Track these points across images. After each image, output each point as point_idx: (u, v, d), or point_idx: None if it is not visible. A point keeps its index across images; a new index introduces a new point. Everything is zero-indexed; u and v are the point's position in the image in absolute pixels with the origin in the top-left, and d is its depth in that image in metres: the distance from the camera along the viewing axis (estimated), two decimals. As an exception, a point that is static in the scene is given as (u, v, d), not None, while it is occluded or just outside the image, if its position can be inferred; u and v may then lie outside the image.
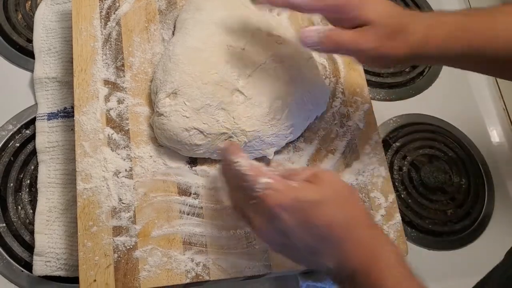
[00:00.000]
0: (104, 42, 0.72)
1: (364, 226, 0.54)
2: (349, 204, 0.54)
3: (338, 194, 0.54)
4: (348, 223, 0.53)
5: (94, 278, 0.61)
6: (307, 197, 0.53)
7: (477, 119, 0.98)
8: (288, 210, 0.53)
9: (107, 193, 0.65)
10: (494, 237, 0.87)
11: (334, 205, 0.53)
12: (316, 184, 0.54)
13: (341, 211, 0.53)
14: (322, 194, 0.53)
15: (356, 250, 0.53)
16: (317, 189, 0.53)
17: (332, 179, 0.55)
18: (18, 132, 0.80)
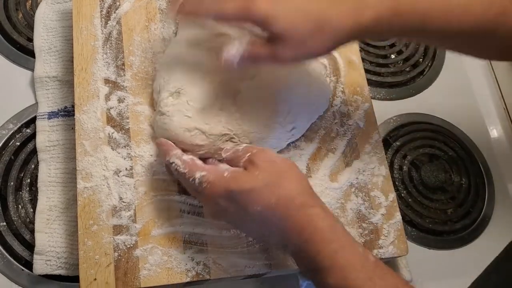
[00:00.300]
0: (105, 41, 0.72)
1: (295, 205, 0.54)
2: (281, 186, 0.55)
3: (270, 177, 0.55)
4: (279, 205, 0.54)
5: (94, 277, 0.61)
6: (238, 187, 0.55)
7: (478, 119, 0.98)
8: (224, 199, 0.56)
9: (108, 192, 0.65)
10: (494, 236, 0.87)
11: (265, 190, 0.54)
12: (248, 171, 0.56)
13: (272, 195, 0.54)
14: (252, 182, 0.55)
15: (291, 230, 0.54)
16: (248, 177, 0.55)
17: (266, 162, 0.56)
18: (18, 131, 0.80)
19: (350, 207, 0.70)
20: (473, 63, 1.02)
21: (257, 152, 0.57)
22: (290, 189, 0.55)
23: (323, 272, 0.52)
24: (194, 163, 0.59)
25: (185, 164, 0.59)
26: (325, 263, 0.52)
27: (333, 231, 0.54)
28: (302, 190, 0.56)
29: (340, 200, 0.70)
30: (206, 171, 0.57)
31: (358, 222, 0.70)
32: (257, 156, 0.56)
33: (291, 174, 0.57)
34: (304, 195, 0.56)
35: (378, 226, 0.70)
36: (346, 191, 0.71)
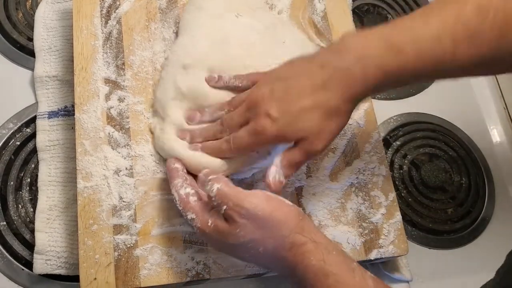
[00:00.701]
0: (105, 41, 0.72)
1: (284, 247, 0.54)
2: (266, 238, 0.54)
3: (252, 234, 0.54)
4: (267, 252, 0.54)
5: (94, 276, 0.61)
6: (221, 239, 0.56)
7: (478, 118, 0.98)
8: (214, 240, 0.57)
9: (108, 192, 0.65)
10: (495, 236, 0.87)
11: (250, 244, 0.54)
12: (229, 226, 0.55)
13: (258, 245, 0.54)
14: (234, 238, 0.54)
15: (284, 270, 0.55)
16: (229, 233, 0.54)
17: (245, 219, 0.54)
18: (18, 130, 0.80)
19: (350, 207, 0.70)
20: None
21: (234, 207, 0.54)
22: (275, 237, 0.54)
23: None
24: (187, 201, 0.58)
25: (180, 200, 0.59)
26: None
27: (326, 265, 0.53)
28: (290, 232, 0.54)
29: (340, 200, 0.70)
30: (195, 213, 0.57)
31: (358, 221, 0.70)
32: (234, 211, 0.54)
33: (275, 221, 0.54)
34: (292, 236, 0.54)
35: (378, 226, 0.70)
36: (346, 190, 0.71)
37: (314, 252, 0.53)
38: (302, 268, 0.53)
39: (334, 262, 0.53)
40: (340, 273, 0.53)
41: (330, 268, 0.53)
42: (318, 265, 0.53)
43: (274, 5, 0.79)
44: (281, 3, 0.80)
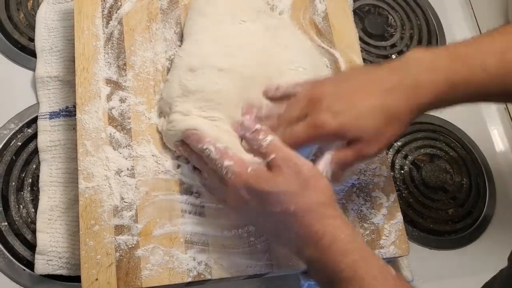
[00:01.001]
0: (106, 41, 0.72)
1: (315, 215, 0.54)
2: (303, 195, 0.54)
3: (292, 186, 0.55)
4: (298, 213, 0.54)
5: (96, 277, 0.61)
6: (258, 186, 0.55)
7: (479, 119, 0.98)
8: (245, 191, 0.56)
9: (109, 192, 0.65)
10: (495, 236, 0.87)
11: (285, 196, 0.54)
12: (271, 173, 0.56)
13: (291, 202, 0.54)
14: (272, 185, 0.55)
15: (309, 239, 0.54)
16: (269, 180, 0.55)
17: (291, 169, 0.55)
18: (20, 131, 0.80)
19: (351, 208, 0.70)
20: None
21: (283, 156, 0.56)
22: (311, 200, 0.54)
23: (341, 283, 0.52)
24: (225, 151, 0.59)
25: (217, 151, 0.59)
26: (344, 274, 0.51)
27: (353, 242, 0.53)
28: (324, 201, 0.55)
29: (342, 201, 0.70)
30: (233, 161, 0.58)
31: (360, 222, 0.70)
32: (282, 160, 0.55)
33: (315, 185, 0.55)
34: (325, 206, 0.55)
35: (380, 226, 0.70)
36: (348, 191, 0.71)
37: (344, 229, 0.54)
38: (329, 239, 0.53)
39: (360, 243, 0.54)
40: (365, 251, 0.53)
41: (357, 245, 0.53)
42: (346, 241, 0.53)
43: (275, 6, 0.79)
44: (282, 3, 0.80)
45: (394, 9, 1.03)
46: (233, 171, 0.57)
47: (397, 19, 1.02)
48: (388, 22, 1.02)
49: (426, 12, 1.04)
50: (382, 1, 1.03)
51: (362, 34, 0.98)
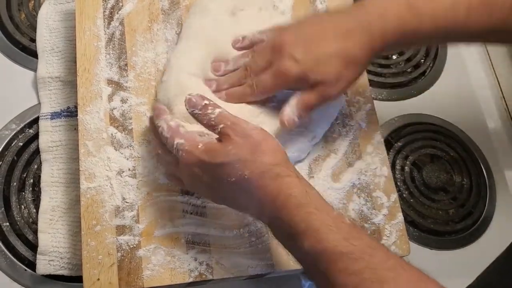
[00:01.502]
0: (108, 42, 0.72)
1: (269, 176, 0.55)
2: (255, 160, 0.55)
3: (243, 152, 0.55)
4: (252, 178, 0.55)
5: (97, 277, 0.61)
6: (210, 159, 0.56)
7: (479, 119, 0.98)
8: (198, 168, 0.57)
9: (111, 192, 0.65)
10: (496, 237, 0.87)
11: (238, 164, 0.55)
12: (222, 144, 0.56)
13: (245, 168, 0.55)
14: (224, 156, 0.55)
15: (265, 199, 0.55)
16: (221, 151, 0.56)
17: (240, 137, 0.56)
18: (21, 131, 0.80)
19: (352, 208, 0.70)
20: (474, 64, 1.02)
21: (231, 125, 0.57)
22: (263, 163, 0.55)
23: (298, 236, 0.52)
24: (177, 129, 0.59)
25: (168, 129, 0.59)
26: (300, 227, 0.52)
27: (306, 196, 0.54)
28: (276, 162, 0.56)
29: (342, 201, 0.70)
30: (184, 139, 0.58)
31: (360, 222, 0.70)
32: (231, 129, 0.56)
33: (266, 147, 0.56)
34: (278, 166, 0.55)
35: (380, 227, 0.70)
36: (348, 191, 0.71)
37: (298, 184, 0.55)
38: (284, 196, 0.54)
39: (315, 197, 0.55)
40: (320, 205, 0.54)
41: (311, 200, 0.54)
42: (300, 195, 0.54)
43: (276, 7, 0.79)
44: (283, 4, 0.80)
45: (394, 10, 1.03)
46: (183, 149, 0.57)
47: (398, 20, 1.02)
48: (388, 23, 1.02)
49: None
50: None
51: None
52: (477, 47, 1.03)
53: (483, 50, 1.03)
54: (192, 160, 0.57)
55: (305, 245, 0.51)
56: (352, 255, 0.50)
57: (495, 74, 1.01)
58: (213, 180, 0.57)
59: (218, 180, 0.57)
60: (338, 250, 0.50)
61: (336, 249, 0.50)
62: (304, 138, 0.69)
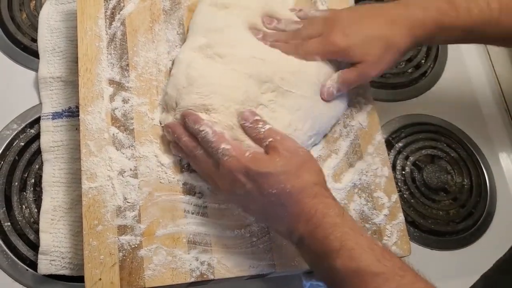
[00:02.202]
0: (109, 42, 0.72)
1: (309, 195, 0.57)
2: (299, 176, 0.58)
3: (289, 166, 0.58)
4: (293, 192, 0.57)
5: (99, 276, 0.61)
6: (256, 168, 0.58)
7: (480, 120, 0.98)
8: (242, 174, 0.59)
9: (112, 192, 0.65)
10: (496, 237, 0.87)
11: (282, 176, 0.57)
12: (269, 156, 0.59)
13: (288, 182, 0.57)
14: (271, 167, 0.58)
15: (301, 216, 0.57)
16: (268, 162, 0.58)
17: (288, 152, 0.59)
18: (22, 131, 0.81)
19: (353, 208, 0.70)
20: (475, 64, 1.02)
21: (281, 140, 0.60)
22: (306, 180, 0.58)
23: (330, 254, 0.54)
24: (222, 135, 0.62)
25: (214, 134, 0.61)
26: (334, 245, 0.54)
27: (342, 217, 0.56)
28: (318, 182, 0.58)
29: (343, 201, 0.70)
30: (231, 145, 0.60)
31: (361, 222, 0.70)
32: (280, 143, 0.59)
33: (310, 166, 0.59)
34: (318, 186, 0.58)
35: (381, 227, 0.70)
36: (349, 191, 0.71)
37: (334, 206, 0.57)
38: (321, 215, 0.56)
39: (349, 218, 0.57)
40: (354, 227, 0.56)
41: (346, 222, 0.56)
42: (336, 216, 0.56)
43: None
44: (284, 4, 0.80)
45: (395, 10, 1.03)
46: (230, 155, 0.59)
47: (398, 20, 1.02)
48: (389, 23, 1.02)
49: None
50: (383, 2, 1.04)
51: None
52: (477, 48, 1.04)
53: (483, 50, 1.04)
54: (238, 167, 0.59)
55: (338, 263, 0.53)
56: (384, 275, 0.52)
57: (495, 74, 1.02)
58: (254, 189, 0.58)
59: (259, 189, 0.58)
60: (371, 270, 0.52)
61: (369, 269, 0.52)
62: (303, 136, 0.69)
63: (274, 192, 0.57)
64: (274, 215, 0.60)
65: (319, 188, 0.58)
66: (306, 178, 0.58)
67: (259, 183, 0.58)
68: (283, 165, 0.58)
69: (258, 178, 0.58)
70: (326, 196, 0.58)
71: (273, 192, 0.57)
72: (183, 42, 0.74)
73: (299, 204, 0.57)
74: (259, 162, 0.58)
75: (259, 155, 0.59)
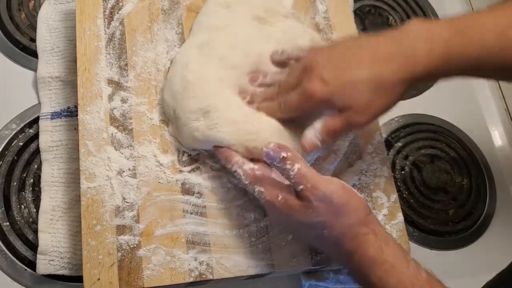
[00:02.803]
0: (108, 42, 0.72)
1: (348, 238, 0.56)
2: (335, 224, 0.56)
3: (323, 217, 0.56)
4: (330, 237, 0.57)
5: (98, 276, 0.61)
6: (290, 215, 0.57)
7: (479, 120, 0.98)
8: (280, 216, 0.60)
9: (111, 192, 0.65)
10: (496, 237, 0.87)
11: (318, 225, 0.56)
12: (301, 204, 0.57)
13: (324, 229, 0.56)
14: (304, 217, 0.56)
15: (342, 257, 0.58)
16: (300, 211, 0.57)
17: (320, 201, 0.56)
18: (21, 131, 0.80)
19: (352, 208, 0.70)
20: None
21: (311, 189, 0.56)
22: (343, 225, 0.56)
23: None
24: (253, 175, 0.60)
25: (245, 175, 0.61)
26: (376, 286, 0.54)
27: (382, 254, 0.55)
28: (355, 222, 0.56)
29: (343, 201, 0.70)
30: (263, 186, 0.59)
31: (361, 222, 0.70)
32: (311, 193, 0.56)
33: (347, 209, 0.56)
34: (357, 226, 0.56)
35: (381, 227, 0.70)
36: (349, 191, 0.71)
37: (373, 242, 0.56)
38: (359, 256, 0.55)
39: (391, 253, 0.56)
40: (395, 261, 0.55)
41: (386, 257, 0.55)
42: (375, 254, 0.55)
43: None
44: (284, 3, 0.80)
45: (394, 10, 1.03)
46: (264, 199, 0.59)
47: (398, 20, 1.02)
48: (388, 23, 1.02)
49: (427, 12, 1.05)
50: (383, 2, 1.04)
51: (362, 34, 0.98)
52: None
53: (483, 50, 1.03)
54: (274, 210, 0.59)
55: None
56: None
57: (495, 74, 1.01)
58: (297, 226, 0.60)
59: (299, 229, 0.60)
60: None
61: None
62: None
63: (314, 234, 0.58)
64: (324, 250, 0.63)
65: (359, 227, 0.56)
66: (344, 222, 0.56)
67: (296, 226, 0.60)
68: (316, 215, 0.56)
69: (294, 223, 0.59)
70: (365, 233, 0.56)
71: (311, 236, 0.59)
72: (182, 42, 0.74)
73: (338, 247, 0.57)
74: (291, 210, 0.57)
75: (292, 201, 0.57)
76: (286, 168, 0.57)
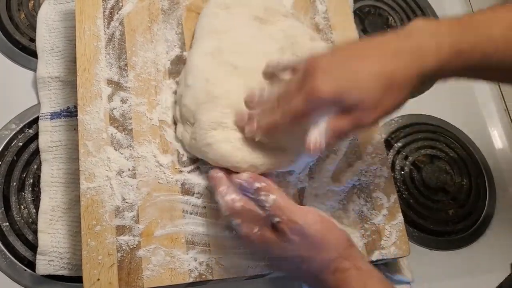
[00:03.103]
0: (107, 42, 0.72)
1: (328, 271, 0.55)
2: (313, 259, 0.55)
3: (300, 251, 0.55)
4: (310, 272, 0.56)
5: (97, 277, 0.61)
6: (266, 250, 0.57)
7: (479, 120, 0.98)
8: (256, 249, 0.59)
9: (111, 193, 0.65)
10: (496, 237, 0.87)
11: (295, 259, 0.56)
12: (277, 238, 0.56)
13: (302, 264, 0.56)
14: (280, 251, 0.56)
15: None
16: (276, 245, 0.56)
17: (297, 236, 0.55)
18: (21, 131, 0.80)
19: (352, 208, 0.70)
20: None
21: (287, 222, 0.54)
22: (323, 259, 0.55)
23: None
24: (232, 206, 0.58)
25: (225, 207, 0.59)
26: None
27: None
28: (337, 256, 0.55)
29: (343, 201, 0.70)
30: (240, 219, 0.58)
31: (360, 223, 0.70)
32: (287, 226, 0.54)
33: (326, 243, 0.55)
34: (338, 260, 0.55)
35: (380, 227, 0.70)
36: (349, 192, 0.71)
37: (356, 278, 0.54)
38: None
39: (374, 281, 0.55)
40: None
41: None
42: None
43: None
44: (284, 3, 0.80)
45: (394, 10, 1.03)
46: (241, 231, 0.58)
47: (397, 20, 1.02)
48: (388, 23, 1.02)
49: (426, 13, 1.04)
50: (383, 2, 1.04)
51: (362, 35, 0.98)
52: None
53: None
54: (250, 244, 0.58)
55: None
56: None
57: (494, 74, 1.01)
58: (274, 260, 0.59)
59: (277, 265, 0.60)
60: None
61: None
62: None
63: (290, 270, 0.58)
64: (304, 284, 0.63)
65: (339, 261, 0.55)
66: (323, 256, 0.55)
67: (273, 261, 0.59)
68: (292, 249, 0.54)
69: (272, 259, 0.58)
70: (346, 268, 0.54)
71: (289, 270, 0.58)
72: (182, 42, 0.74)
73: (319, 282, 0.56)
74: (267, 244, 0.56)
75: (268, 235, 0.56)
76: (260, 199, 0.56)
